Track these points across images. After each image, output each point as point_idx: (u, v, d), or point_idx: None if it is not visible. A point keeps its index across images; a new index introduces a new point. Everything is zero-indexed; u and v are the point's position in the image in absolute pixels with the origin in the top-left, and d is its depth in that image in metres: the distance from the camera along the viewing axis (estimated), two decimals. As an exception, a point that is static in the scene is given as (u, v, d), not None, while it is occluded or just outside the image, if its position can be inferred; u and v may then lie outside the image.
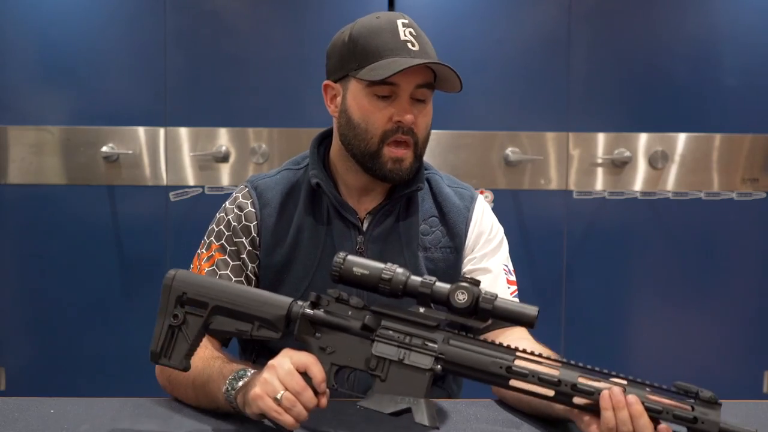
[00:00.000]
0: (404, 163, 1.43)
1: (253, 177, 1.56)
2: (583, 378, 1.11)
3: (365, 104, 1.42)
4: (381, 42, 1.40)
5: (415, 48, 1.40)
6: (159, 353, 1.23)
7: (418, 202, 1.52)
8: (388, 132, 1.42)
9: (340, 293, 1.20)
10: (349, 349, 1.18)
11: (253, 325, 1.21)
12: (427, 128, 1.46)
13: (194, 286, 1.23)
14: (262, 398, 1.15)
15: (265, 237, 1.49)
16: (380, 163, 1.43)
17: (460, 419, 1.33)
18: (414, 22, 1.46)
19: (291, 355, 1.17)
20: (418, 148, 1.45)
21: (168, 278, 1.24)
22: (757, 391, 3.00)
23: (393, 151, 1.42)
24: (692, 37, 2.95)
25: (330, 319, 1.19)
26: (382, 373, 1.15)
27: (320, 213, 1.50)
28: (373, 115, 1.41)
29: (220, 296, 1.22)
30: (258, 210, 1.50)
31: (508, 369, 1.13)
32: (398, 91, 1.40)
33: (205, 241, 1.53)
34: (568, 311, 2.98)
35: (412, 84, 1.41)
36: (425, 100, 1.44)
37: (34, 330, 2.97)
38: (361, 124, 1.43)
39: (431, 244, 1.51)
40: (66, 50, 2.89)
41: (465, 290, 1.13)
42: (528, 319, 1.13)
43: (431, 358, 1.14)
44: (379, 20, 1.43)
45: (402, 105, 1.41)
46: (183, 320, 1.22)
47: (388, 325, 1.17)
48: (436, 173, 1.58)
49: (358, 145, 1.44)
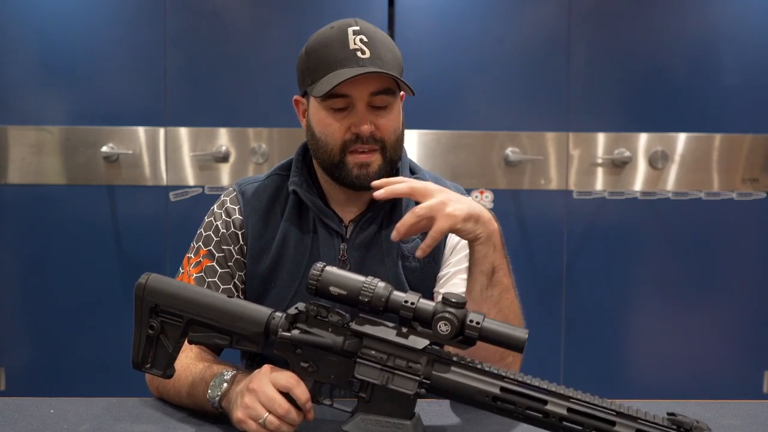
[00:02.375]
0: (371, 168, 1.41)
1: (242, 180, 1.55)
2: (573, 407, 1.07)
3: (323, 117, 1.41)
4: (330, 54, 1.38)
5: (365, 56, 1.37)
6: (140, 363, 1.21)
7: (401, 210, 1.49)
8: (347, 142, 1.40)
9: (318, 309, 1.15)
10: (330, 367, 1.14)
11: (231, 338, 1.18)
12: (395, 131, 1.44)
13: (167, 297, 1.18)
14: (246, 422, 1.15)
15: (251, 245, 1.48)
16: (346, 171, 1.42)
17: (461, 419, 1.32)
18: (370, 26, 1.42)
19: (272, 377, 1.15)
20: (386, 151, 1.42)
21: (139, 287, 1.19)
22: (757, 391, 3.00)
23: (357, 157, 1.41)
24: (692, 37, 2.95)
25: (308, 338, 1.14)
26: (366, 395, 1.12)
27: (306, 220, 1.48)
28: (330, 127, 1.40)
29: (194, 310, 1.18)
30: (245, 217, 1.49)
31: (495, 398, 1.09)
32: (352, 101, 1.38)
33: (194, 245, 1.51)
34: (568, 311, 2.98)
35: (365, 93, 1.38)
36: (386, 106, 1.41)
37: (34, 330, 2.97)
38: (321, 137, 1.42)
39: (410, 252, 1.47)
40: (66, 50, 2.89)
41: (448, 321, 1.09)
42: (517, 342, 1.10)
43: (415, 382, 1.11)
44: (331, 30, 1.41)
45: (358, 115, 1.39)
46: (161, 329, 1.19)
47: (370, 344, 1.13)
48: (422, 178, 1.54)
49: (323, 158, 1.43)
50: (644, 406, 1.07)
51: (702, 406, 1.41)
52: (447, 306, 1.10)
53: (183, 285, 1.22)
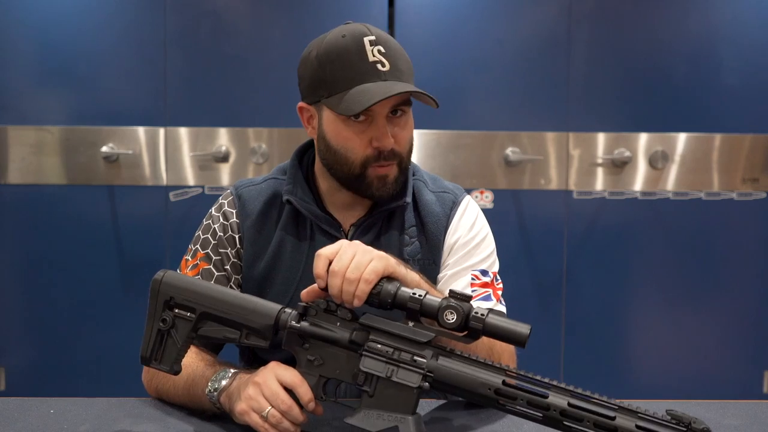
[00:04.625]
0: (389, 179, 1.41)
1: (239, 183, 1.54)
2: (574, 401, 1.08)
3: (342, 131, 1.39)
4: (349, 67, 1.35)
5: (385, 68, 1.35)
6: (149, 357, 1.21)
7: (402, 214, 1.49)
8: (369, 158, 1.39)
9: (328, 303, 1.18)
10: (337, 361, 1.16)
11: (241, 332, 1.19)
12: (409, 141, 1.44)
13: (182, 290, 1.21)
14: (248, 414, 1.16)
15: (247, 249, 1.47)
16: (366, 184, 1.41)
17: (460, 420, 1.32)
18: (381, 32, 1.39)
19: (277, 373, 1.16)
20: (402, 161, 1.43)
21: (155, 281, 1.22)
22: (757, 391, 3.00)
23: (377, 170, 1.40)
24: (692, 37, 2.95)
25: (317, 331, 1.16)
26: (370, 388, 1.14)
27: (304, 226, 1.48)
28: (351, 141, 1.38)
29: (207, 302, 1.20)
30: (241, 221, 1.48)
31: (497, 391, 1.10)
32: (374, 115, 1.37)
33: (191, 248, 1.51)
34: (568, 311, 2.98)
35: (387, 108, 1.38)
36: (403, 112, 1.41)
37: (34, 330, 2.97)
38: (340, 150, 1.40)
39: (410, 255, 1.47)
40: (66, 50, 2.89)
41: (454, 310, 1.11)
42: (519, 337, 1.10)
43: (419, 375, 1.12)
44: (344, 39, 1.37)
45: (379, 129, 1.37)
46: (172, 324, 1.20)
47: (376, 338, 1.15)
48: (421, 179, 1.55)
49: (341, 170, 1.42)
50: (644, 406, 1.07)
51: (702, 406, 1.41)
52: (453, 299, 1.13)
53: (197, 280, 1.26)
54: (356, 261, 1.15)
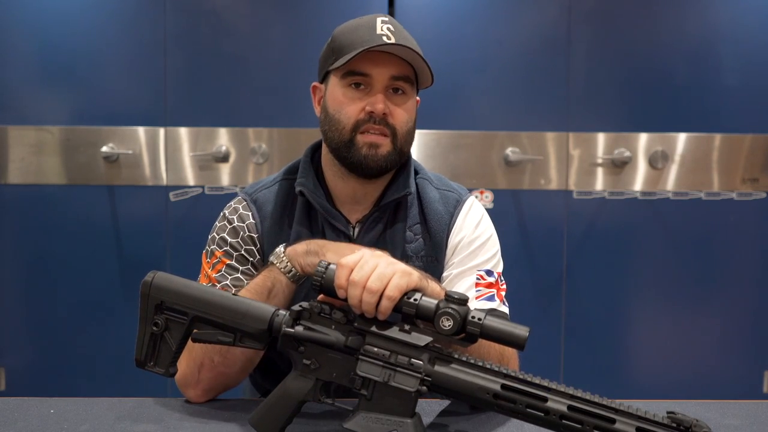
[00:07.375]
0: (380, 150, 1.42)
1: (249, 189, 1.55)
2: (574, 405, 1.07)
3: (340, 96, 1.43)
4: (357, 36, 1.41)
5: (390, 40, 1.39)
6: (144, 360, 1.20)
7: (406, 209, 1.51)
8: (360, 121, 1.42)
9: (322, 306, 1.16)
10: (333, 364, 1.15)
11: (235, 335, 1.18)
12: (407, 122, 1.45)
13: (172, 294, 1.19)
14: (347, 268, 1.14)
15: (267, 250, 1.48)
16: (355, 150, 1.43)
17: (462, 420, 1.32)
18: (396, 22, 1.45)
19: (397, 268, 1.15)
20: (397, 139, 1.44)
21: (145, 284, 1.19)
22: (757, 391, 3.00)
23: (367, 137, 1.42)
24: (692, 37, 2.95)
25: (311, 335, 1.14)
26: (368, 392, 1.12)
27: (315, 223, 1.49)
28: (346, 105, 1.43)
29: (199, 306, 1.18)
30: (259, 222, 1.50)
31: (496, 395, 1.09)
32: (372, 81, 1.41)
33: (208, 248, 1.51)
34: (568, 311, 2.98)
35: (386, 75, 1.41)
36: (404, 92, 1.44)
37: (34, 330, 2.97)
38: (335, 115, 1.44)
39: (413, 252, 1.48)
40: (66, 50, 2.89)
41: (450, 317, 1.10)
42: (517, 340, 1.09)
43: (417, 379, 1.11)
44: (360, 19, 1.45)
45: (375, 95, 1.41)
46: (165, 327, 1.19)
47: (373, 341, 1.13)
48: (425, 177, 1.56)
49: (333, 137, 1.44)
50: (644, 406, 1.07)
51: (702, 406, 1.41)
52: (449, 302, 1.11)
53: (188, 282, 1.22)
54: (378, 272, 1.13)
